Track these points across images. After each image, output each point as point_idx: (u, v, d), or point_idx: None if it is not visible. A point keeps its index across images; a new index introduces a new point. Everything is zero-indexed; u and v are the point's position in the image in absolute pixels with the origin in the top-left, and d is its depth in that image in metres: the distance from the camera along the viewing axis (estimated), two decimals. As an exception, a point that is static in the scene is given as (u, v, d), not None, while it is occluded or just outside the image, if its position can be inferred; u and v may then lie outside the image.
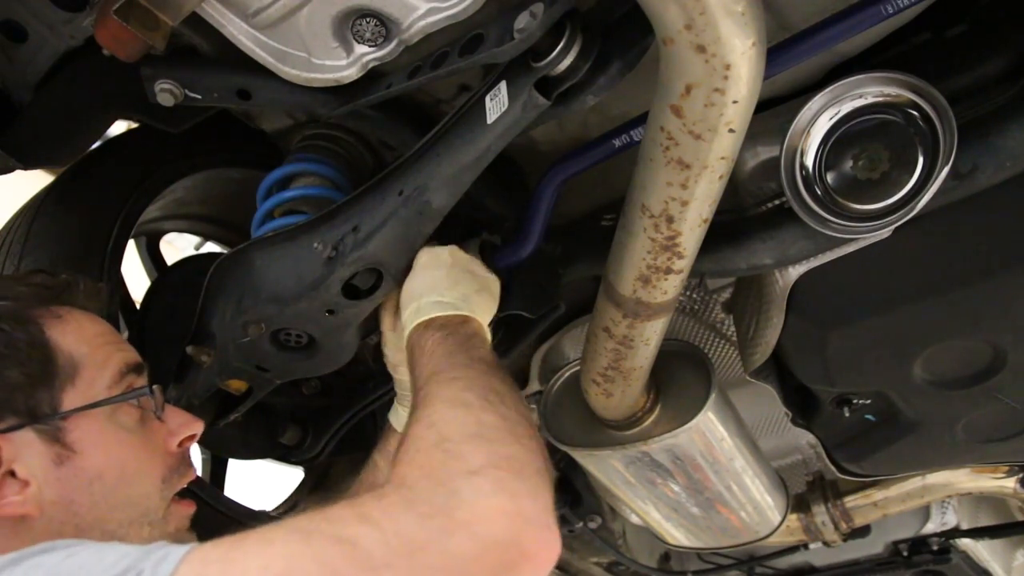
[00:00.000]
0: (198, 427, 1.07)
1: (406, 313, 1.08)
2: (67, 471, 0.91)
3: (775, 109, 1.10)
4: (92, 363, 0.97)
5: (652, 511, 1.72)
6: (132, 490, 0.95)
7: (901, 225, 1.01)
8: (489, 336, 1.10)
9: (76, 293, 1.03)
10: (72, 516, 0.91)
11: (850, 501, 2.07)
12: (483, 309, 1.10)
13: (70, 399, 0.94)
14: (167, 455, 1.02)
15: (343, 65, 1.04)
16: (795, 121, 0.98)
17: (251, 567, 0.67)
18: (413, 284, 1.11)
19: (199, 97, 1.17)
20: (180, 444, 1.05)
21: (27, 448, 0.90)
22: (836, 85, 0.96)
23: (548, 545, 0.77)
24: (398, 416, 1.32)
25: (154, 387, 1.02)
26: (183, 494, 1.05)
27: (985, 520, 2.30)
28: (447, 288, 1.07)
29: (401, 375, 1.25)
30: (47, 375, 0.93)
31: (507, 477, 0.78)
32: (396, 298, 1.16)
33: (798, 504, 2.09)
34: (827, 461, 1.65)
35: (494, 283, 1.15)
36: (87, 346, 0.98)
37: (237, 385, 1.33)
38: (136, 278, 1.63)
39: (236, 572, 0.66)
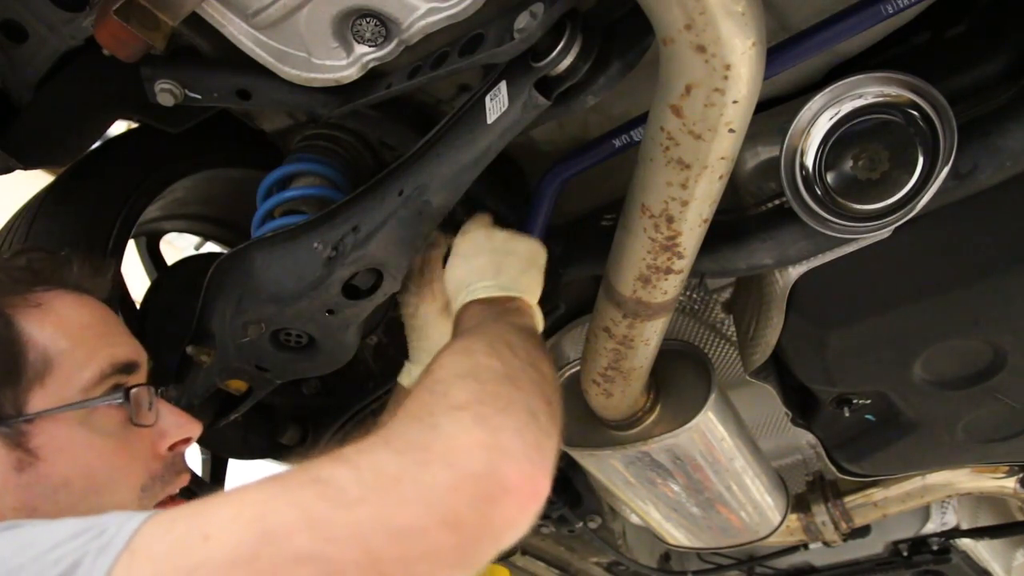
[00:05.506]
0: (194, 430, 0.99)
1: (457, 300, 1.08)
2: (29, 478, 0.83)
3: (775, 109, 1.10)
4: (70, 360, 0.88)
5: (652, 511, 1.72)
6: (103, 499, 0.87)
7: (901, 225, 1.01)
8: (538, 315, 1.09)
9: (67, 272, 0.94)
10: None
11: (850, 501, 2.07)
12: (531, 287, 1.09)
13: (38, 400, 0.85)
14: (152, 460, 0.94)
15: (343, 65, 1.04)
16: (795, 121, 0.98)
17: (223, 515, 0.64)
18: (457, 272, 1.10)
19: (199, 97, 1.17)
20: (172, 447, 0.96)
21: None
22: (836, 85, 0.96)
23: (530, 479, 0.74)
24: (409, 375, 1.29)
25: (134, 389, 0.92)
26: (177, 495, 0.97)
27: (985, 520, 2.30)
28: (492, 275, 1.06)
29: (418, 319, 1.24)
30: (13, 373, 0.85)
31: (491, 413, 0.76)
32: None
33: (798, 504, 2.09)
34: (827, 461, 1.65)
35: (539, 254, 1.12)
36: (67, 340, 0.89)
37: (237, 385, 1.33)
38: (136, 278, 1.63)
39: (206, 522, 0.63)
